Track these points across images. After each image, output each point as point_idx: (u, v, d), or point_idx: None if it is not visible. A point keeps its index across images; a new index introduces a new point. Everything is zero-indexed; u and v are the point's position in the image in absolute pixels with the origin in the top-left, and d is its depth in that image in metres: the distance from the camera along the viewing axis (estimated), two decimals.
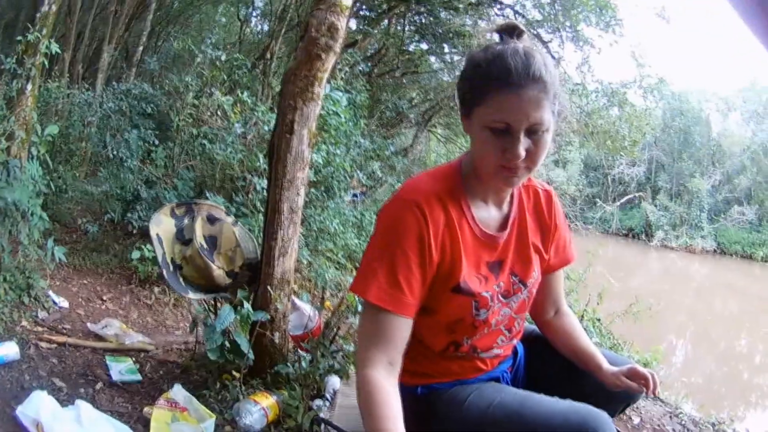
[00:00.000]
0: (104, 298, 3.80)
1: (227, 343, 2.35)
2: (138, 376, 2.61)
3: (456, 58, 10.37)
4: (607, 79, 10.55)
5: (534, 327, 1.59)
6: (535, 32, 9.21)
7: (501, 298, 1.33)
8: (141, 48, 10.84)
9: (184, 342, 2.96)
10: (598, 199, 26.43)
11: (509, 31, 1.22)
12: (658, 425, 2.72)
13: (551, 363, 1.50)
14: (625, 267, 17.11)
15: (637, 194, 26.25)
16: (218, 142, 4.36)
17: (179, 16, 13.73)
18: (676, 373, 7.98)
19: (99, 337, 3.05)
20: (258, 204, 3.81)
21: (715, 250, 23.18)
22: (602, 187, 27.62)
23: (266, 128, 4.18)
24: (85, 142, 6.30)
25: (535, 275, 1.39)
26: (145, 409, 2.27)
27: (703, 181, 24.57)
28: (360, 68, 7.29)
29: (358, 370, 1.19)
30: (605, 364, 1.41)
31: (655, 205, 25.26)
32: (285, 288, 2.41)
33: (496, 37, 1.25)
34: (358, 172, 4.56)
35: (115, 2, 10.41)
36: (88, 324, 3.22)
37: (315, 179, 3.97)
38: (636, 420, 2.69)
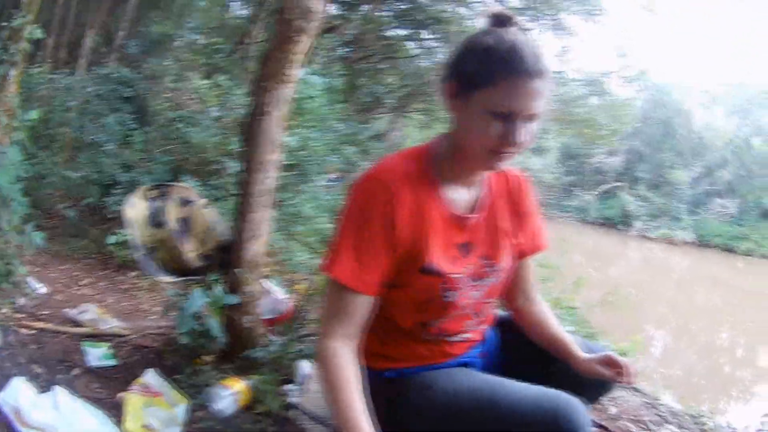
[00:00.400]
0: (82, 283, 3.72)
1: (199, 327, 2.29)
2: (114, 362, 2.55)
3: (434, 44, 10.22)
4: (588, 68, 10.50)
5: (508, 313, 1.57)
6: None
7: (470, 281, 1.31)
8: (123, 32, 10.57)
9: (158, 327, 2.89)
10: (575, 188, 25.82)
11: (502, 21, 1.22)
12: (636, 415, 2.63)
13: (525, 349, 1.48)
14: (604, 256, 16.80)
15: (615, 184, 25.43)
16: (194, 126, 4.25)
17: (159, 1, 13.40)
18: (654, 364, 7.80)
19: (77, 323, 2.97)
20: (231, 187, 3.73)
21: (695, 242, 22.32)
22: (580, 176, 26.74)
23: (242, 112, 4.07)
24: (66, 127, 6.14)
25: (506, 259, 1.38)
26: (120, 394, 2.21)
27: (683, 173, 23.85)
28: (338, 53, 7.16)
29: (318, 340, 1.22)
30: (578, 352, 1.39)
31: (634, 196, 24.46)
32: (256, 271, 2.35)
33: (479, 23, 1.25)
34: (333, 156, 4.49)
35: None
36: (66, 310, 3.14)
37: (289, 163, 3.88)
38: (613, 410, 2.62)
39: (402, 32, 10.42)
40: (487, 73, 1.15)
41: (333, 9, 8.80)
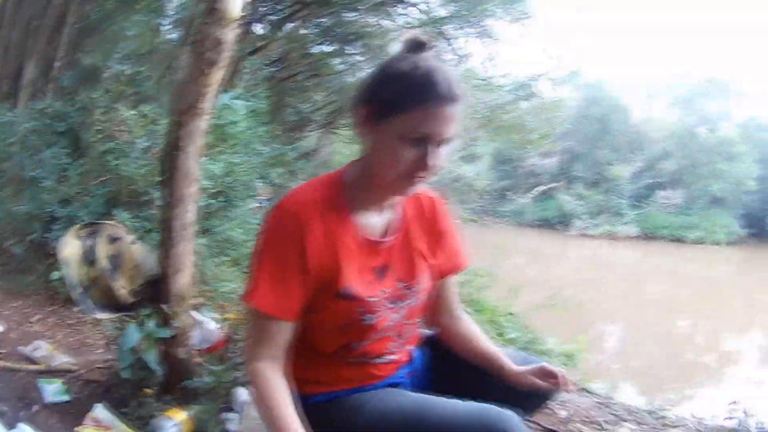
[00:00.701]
0: (33, 319, 3.60)
1: (138, 361, 2.19)
2: (67, 397, 2.49)
3: (359, 59, 9.88)
4: (518, 72, 9.94)
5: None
6: (439, 30, 8.50)
7: (388, 303, 1.29)
8: (59, 63, 9.94)
9: (104, 360, 2.82)
10: (509, 192, 24.53)
11: (418, 46, 1.19)
12: (588, 417, 2.48)
13: (455, 366, 1.44)
14: (545, 258, 16.08)
15: (551, 185, 24.11)
16: (124, 157, 4.03)
17: (96, 28, 12.69)
18: (609, 360, 7.50)
19: (31, 360, 2.88)
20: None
21: (640, 236, 21.09)
22: (514, 180, 25.41)
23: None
24: (9, 163, 5.75)
25: (423, 281, 1.34)
26: (75, 429, 2.16)
27: (622, 168, 22.75)
28: (263, 73, 6.86)
29: (246, 364, 1.23)
30: (509, 365, 1.36)
31: (572, 195, 23.14)
32: (184, 303, 2.27)
33: (396, 47, 1.24)
34: (260, 180, 4.35)
35: (37, 16, 9.45)
36: (19, 347, 3.03)
37: (215, 190, 3.73)
38: (563, 413, 2.46)
39: (327, 49, 10.03)
40: (402, 100, 1.12)
41: (259, 28, 8.43)
